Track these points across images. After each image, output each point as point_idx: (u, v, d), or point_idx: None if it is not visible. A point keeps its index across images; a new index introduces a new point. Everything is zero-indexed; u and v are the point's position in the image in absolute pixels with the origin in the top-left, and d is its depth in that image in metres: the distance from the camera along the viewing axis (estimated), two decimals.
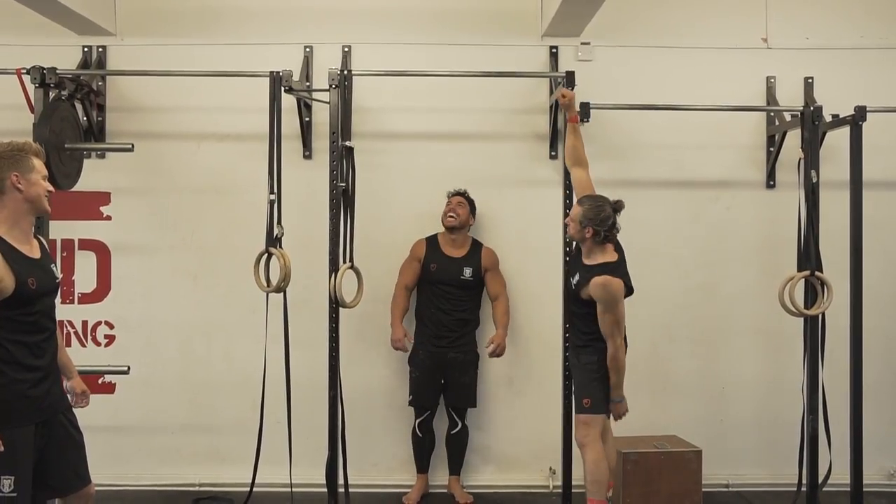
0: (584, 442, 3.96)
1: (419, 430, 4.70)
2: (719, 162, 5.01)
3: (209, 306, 4.93)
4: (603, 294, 3.83)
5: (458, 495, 4.68)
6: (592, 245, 3.94)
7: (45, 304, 2.93)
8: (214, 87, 4.80)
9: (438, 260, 4.69)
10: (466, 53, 4.88)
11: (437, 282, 4.67)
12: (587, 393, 3.95)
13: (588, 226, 3.90)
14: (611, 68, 4.95)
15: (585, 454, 3.95)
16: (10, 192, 2.84)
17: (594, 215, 3.89)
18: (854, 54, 5.01)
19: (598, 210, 3.90)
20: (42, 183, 2.92)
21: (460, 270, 4.67)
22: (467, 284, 4.69)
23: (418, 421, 4.69)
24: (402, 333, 4.65)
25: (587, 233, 3.91)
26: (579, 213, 3.94)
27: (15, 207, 2.86)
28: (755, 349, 5.02)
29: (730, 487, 4.92)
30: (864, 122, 4.41)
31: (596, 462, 3.91)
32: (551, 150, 4.94)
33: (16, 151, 2.87)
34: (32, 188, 2.88)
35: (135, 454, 4.91)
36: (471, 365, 4.71)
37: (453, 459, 4.74)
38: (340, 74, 4.29)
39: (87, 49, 4.86)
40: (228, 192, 4.91)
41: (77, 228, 4.90)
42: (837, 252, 4.54)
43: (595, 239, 3.91)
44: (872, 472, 4.76)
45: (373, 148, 4.80)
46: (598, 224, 3.88)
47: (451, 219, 4.66)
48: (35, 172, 2.89)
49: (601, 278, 3.84)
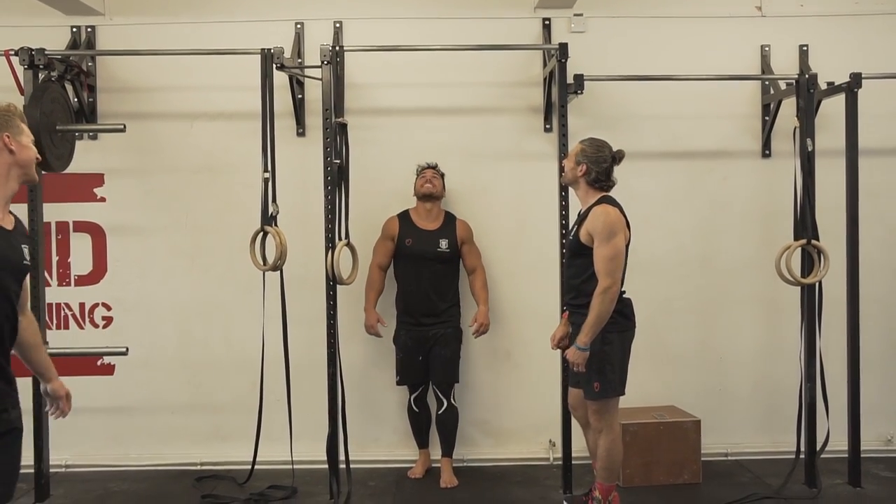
0: (599, 427, 3.82)
1: (414, 406, 4.68)
2: (714, 132, 5.00)
3: (206, 286, 4.93)
4: (599, 224, 3.63)
5: (445, 478, 4.57)
6: (587, 189, 3.78)
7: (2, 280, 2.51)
8: (206, 65, 4.76)
9: (413, 234, 4.63)
10: (458, 27, 4.85)
11: (413, 256, 4.60)
12: (597, 376, 3.72)
13: (583, 162, 3.74)
14: (604, 39, 4.92)
15: (600, 439, 3.82)
16: (0, 154, 2.55)
17: (592, 153, 3.74)
18: (849, 21, 4.98)
19: (596, 149, 3.76)
20: (32, 146, 2.63)
21: (436, 243, 4.61)
22: (444, 257, 4.62)
23: (412, 397, 4.68)
24: (374, 319, 4.60)
25: (580, 170, 3.74)
26: (577, 150, 3.80)
27: (1, 171, 2.55)
28: (752, 319, 5.04)
29: (728, 456, 4.95)
30: (860, 89, 4.39)
31: (610, 449, 3.81)
32: (545, 122, 4.92)
33: (2, 112, 2.58)
34: (24, 151, 2.59)
35: (136, 435, 4.93)
36: (452, 340, 4.63)
37: (444, 440, 4.64)
38: (332, 51, 4.26)
39: (76, 29, 4.82)
40: (222, 171, 4.89)
41: (71, 210, 4.89)
42: (834, 220, 4.54)
43: (587, 178, 3.74)
44: (870, 438, 4.79)
45: (366, 124, 4.78)
46: (593, 163, 3.72)
47: (429, 186, 4.60)
48: (25, 136, 2.61)
49: (600, 206, 3.69)
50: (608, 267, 3.61)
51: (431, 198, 4.64)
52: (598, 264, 3.64)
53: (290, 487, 4.44)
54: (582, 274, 3.75)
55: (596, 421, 3.83)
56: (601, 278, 3.62)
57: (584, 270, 3.73)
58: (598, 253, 3.64)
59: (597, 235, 3.65)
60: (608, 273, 3.61)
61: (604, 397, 3.75)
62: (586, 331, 3.64)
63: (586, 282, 3.71)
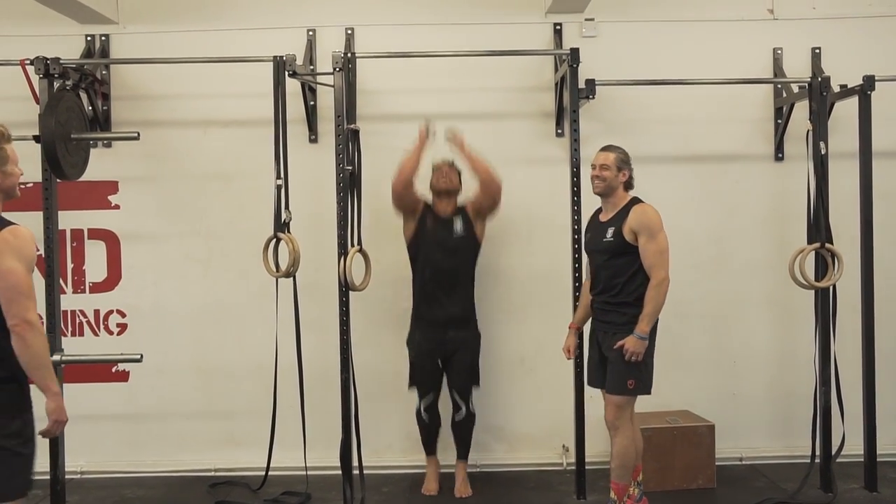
0: (616, 425, 3.83)
1: (424, 415, 4.58)
2: (727, 135, 4.98)
3: (220, 293, 4.95)
4: (644, 219, 3.77)
5: (459, 487, 4.53)
6: (622, 193, 3.89)
7: None
8: (218, 73, 4.79)
9: (432, 218, 4.55)
10: (469, 33, 4.86)
11: (430, 243, 4.50)
12: (633, 374, 3.76)
13: (624, 168, 3.87)
14: (615, 44, 4.92)
15: (616, 437, 3.84)
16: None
17: (626, 157, 3.89)
18: (862, 23, 4.96)
19: (626, 153, 3.91)
20: (17, 171, 2.76)
21: (452, 224, 4.51)
22: (460, 244, 4.50)
23: (423, 405, 4.56)
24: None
25: (622, 176, 3.86)
26: (613, 158, 3.87)
27: None
28: (766, 323, 5.01)
29: (743, 461, 4.93)
30: (873, 91, 4.37)
31: (625, 447, 3.83)
32: (557, 127, 4.92)
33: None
34: (8, 180, 2.73)
35: (151, 441, 4.95)
36: (472, 343, 4.57)
37: (460, 445, 4.60)
38: (344, 57, 4.27)
39: (90, 38, 4.86)
40: (235, 177, 4.91)
41: (86, 218, 4.92)
42: (847, 223, 4.52)
43: (627, 185, 3.88)
44: (886, 442, 4.74)
45: (378, 130, 4.78)
46: (629, 167, 3.88)
47: (445, 181, 4.51)
48: (10, 164, 2.73)
49: (639, 206, 3.82)
50: (660, 260, 3.75)
51: (448, 193, 4.56)
52: (650, 258, 3.76)
53: (304, 493, 4.45)
54: (625, 272, 3.82)
55: (615, 417, 3.84)
56: (655, 271, 3.74)
57: (629, 268, 3.81)
58: (649, 248, 3.76)
59: (644, 232, 3.77)
60: (661, 266, 3.75)
61: (633, 394, 3.82)
62: (645, 320, 3.73)
63: (631, 279, 3.80)
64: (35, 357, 2.64)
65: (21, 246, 2.65)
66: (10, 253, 2.61)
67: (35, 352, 2.64)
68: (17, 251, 2.63)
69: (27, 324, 2.61)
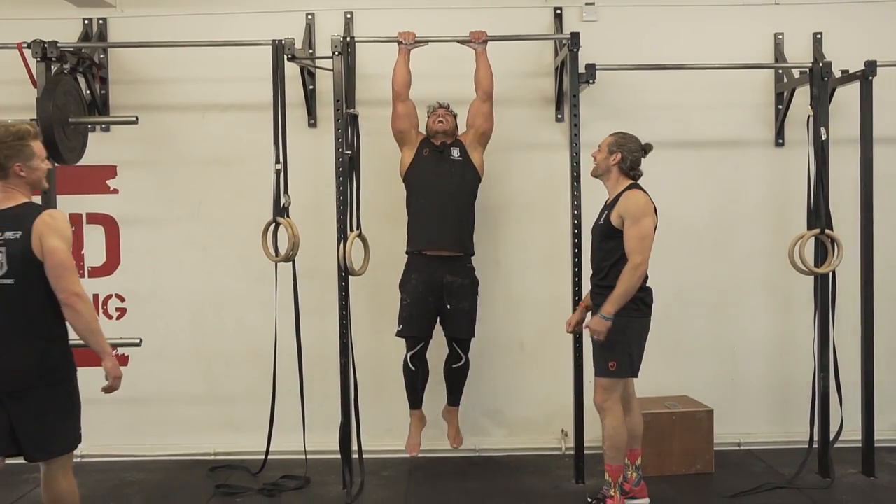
0: (604, 406, 3.87)
1: (411, 364, 4.41)
2: (727, 121, 4.97)
3: (219, 277, 4.95)
4: (628, 204, 3.79)
5: (452, 436, 4.52)
6: (618, 177, 3.91)
7: None
8: (217, 57, 4.76)
9: (429, 147, 4.48)
10: (469, 17, 4.82)
11: (427, 170, 4.42)
12: (613, 355, 3.81)
13: (616, 151, 3.88)
14: (615, 28, 4.90)
15: (605, 418, 3.87)
16: (13, 178, 3.00)
17: (624, 142, 3.90)
18: (864, 8, 4.93)
19: (628, 139, 3.92)
20: (42, 166, 3.06)
21: (449, 152, 4.46)
22: (457, 168, 4.42)
23: (410, 354, 4.40)
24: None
25: (613, 159, 3.88)
26: (608, 141, 3.93)
27: (14, 187, 3.02)
28: (765, 308, 5.02)
29: (741, 446, 4.94)
30: (874, 77, 4.36)
31: (616, 428, 3.86)
32: (557, 112, 4.90)
33: (17, 140, 2.97)
34: (34, 174, 3.03)
35: (150, 425, 4.97)
36: (470, 289, 4.43)
37: (452, 391, 4.53)
38: (343, 41, 4.26)
39: (88, 21, 4.83)
40: (234, 162, 4.90)
41: (84, 202, 4.91)
42: (848, 209, 4.52)
43: (621, 165, 3.88)
44: (884, 428, 4.77)
45: (378, 114, 4.75)
46: (627, 151, 3.87)
47: (442, 123, 4.46)
48: (36, 158, 3.03)
49: (630, 191, 3.85)
50: (639, 245, 3.75)
51: (444, 135, 4.49)
52: (629, 243, 3.77)
53: (304, 477, 4.46)
54: (612, 256, 3.86)
55: (602, 399, 3.88)
56: (632, 256, 3.75)
57: (615, 253, 3.84)
58: (629, 233, 3.77)
59: (627, 217, 3.79)
60: (639, 251, 3.74)
61: (617, 376, 3.85)
62: (612, 301, 3.74)
63: (616, 264, 3.82)
64: (88, 323, 2.97)
65: (60, 227, 2.95)
66: (52, 233, 2.91)
67: (87, 319, 2.97)
68: (58, 231, 2.93)
69: (76, 296, 2.92)
